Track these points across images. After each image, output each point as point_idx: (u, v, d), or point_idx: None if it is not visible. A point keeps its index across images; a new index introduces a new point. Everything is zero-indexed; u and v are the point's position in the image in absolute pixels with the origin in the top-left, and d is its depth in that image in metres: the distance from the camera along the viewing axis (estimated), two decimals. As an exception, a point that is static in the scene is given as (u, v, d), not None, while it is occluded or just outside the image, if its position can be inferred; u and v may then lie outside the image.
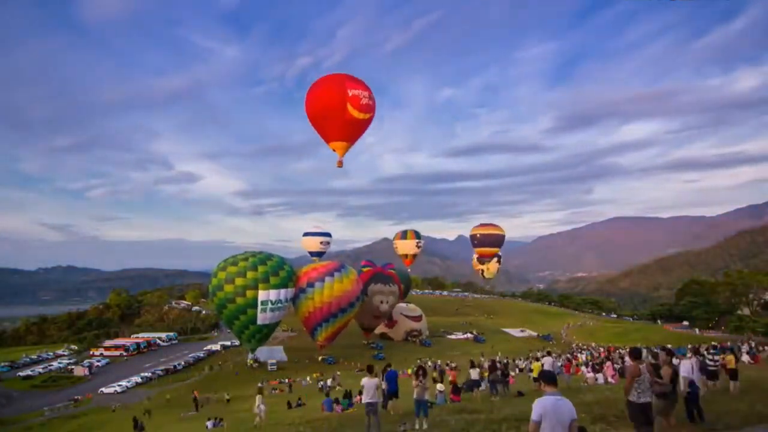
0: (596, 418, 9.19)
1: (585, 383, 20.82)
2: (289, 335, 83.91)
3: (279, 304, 40.40)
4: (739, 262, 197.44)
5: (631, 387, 6.66)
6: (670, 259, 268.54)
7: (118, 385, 47.66)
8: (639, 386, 6.61)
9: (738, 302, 79.71)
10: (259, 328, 39.91)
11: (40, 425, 35.41)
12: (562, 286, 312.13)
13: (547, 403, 4.45)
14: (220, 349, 69.56)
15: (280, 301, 40.51)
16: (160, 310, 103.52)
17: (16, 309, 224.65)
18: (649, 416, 6.69)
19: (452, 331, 77.75)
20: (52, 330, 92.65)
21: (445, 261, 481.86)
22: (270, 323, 40.68)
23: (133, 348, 68.57)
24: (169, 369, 55.99)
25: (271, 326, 41.64)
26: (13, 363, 62.03)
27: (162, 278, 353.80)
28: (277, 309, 40.36)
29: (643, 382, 6.64)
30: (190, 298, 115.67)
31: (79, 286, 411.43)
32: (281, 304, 40.94)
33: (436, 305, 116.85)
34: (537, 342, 69.96)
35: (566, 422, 4.40)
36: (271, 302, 39.21)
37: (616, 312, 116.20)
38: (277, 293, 39.72)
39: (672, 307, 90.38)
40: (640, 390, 6.61)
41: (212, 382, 48.92)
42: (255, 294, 38.37)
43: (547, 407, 4.42)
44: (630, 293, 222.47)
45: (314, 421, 14.65)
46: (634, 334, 72.01)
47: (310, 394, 32.91)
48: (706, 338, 55.71)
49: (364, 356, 57.15)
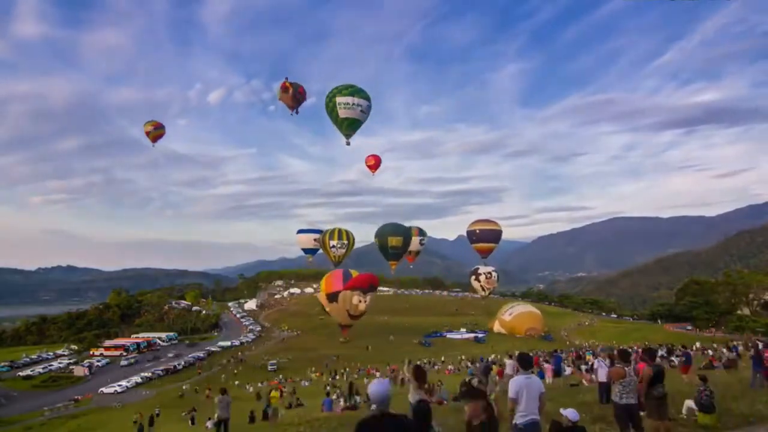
0: (596, 418, 9.19)
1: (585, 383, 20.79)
2: (290, 335, 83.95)
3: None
4: (739, 262, 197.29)
5: (614, 388, 6.81)
6: (670, 259, 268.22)
7: (118, 385, 47.68)
8: (623, 387, 6.72)
9: (738, 302, 79.62)
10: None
11: (40, 425, 35.36)
12: (562, 286, 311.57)
13: (521, 382, 5.60)
14: (218, 350, 69.51)
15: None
16: (160, 310, 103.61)
17: (16, 309, 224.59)
18: (633, 417, 6.71)
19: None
20: (52, 330, 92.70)
21: (445, 261, 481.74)
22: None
23: (133, 348, 68.63)
24: (169, 369, 56.06)
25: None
26: (13, 363, 62.13)
27: (162, 278, 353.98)
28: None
29: (628, 384, 6.73)
30: (190, 298, 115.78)
31: (79, 286, 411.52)
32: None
33: (436, 305, 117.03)
34: (537, 342, 69.94)
35: (536, 395, 5.55)
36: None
37: (616, 312, 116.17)
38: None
39: (672, 307, 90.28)
40: (624, 391, 6.70)
41: (212, 382, 48.94)
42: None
43: (522, 385, 5.57)
44: (630, 293, 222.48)
45: (314, 421, 14.66)
46: (634, 334, 71.99)
47: (310, 394, 32.90)
48: (707, 338, 55.78)
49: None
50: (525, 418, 5.50)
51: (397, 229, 61.31)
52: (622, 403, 6.70)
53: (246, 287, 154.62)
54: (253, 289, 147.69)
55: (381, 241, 59.24)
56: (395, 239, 60.33)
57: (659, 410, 7.09)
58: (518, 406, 5.56)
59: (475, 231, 58.47)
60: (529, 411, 5.53)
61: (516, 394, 5.56)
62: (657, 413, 7.06)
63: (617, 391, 6.78)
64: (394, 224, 62.63)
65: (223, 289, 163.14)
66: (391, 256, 64.27)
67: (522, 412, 5.53)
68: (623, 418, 6.72)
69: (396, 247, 61.53)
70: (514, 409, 5.60)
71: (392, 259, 66.23)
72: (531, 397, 5.55)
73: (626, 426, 6.68)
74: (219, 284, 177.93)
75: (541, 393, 5.62)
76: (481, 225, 58.56)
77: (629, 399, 6.71)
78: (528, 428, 5.48)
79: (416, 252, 67.33)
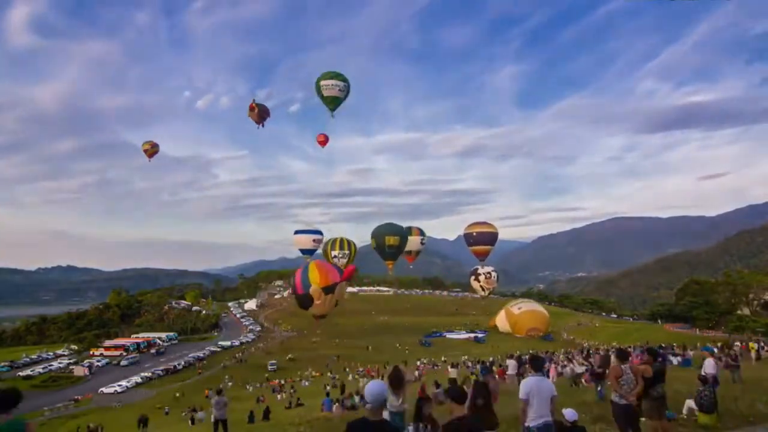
0: (596, 418, 9.18)
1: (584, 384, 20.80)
2: (290, 335, 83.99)
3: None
4: (739, 262, 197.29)
5: (616, 387, 6.67)
6: (670, 259, 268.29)
7: (118, 385, 47.67)
8: (621, 387, 6.60)
9: (738, 302, 79.61)
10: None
11: (40, 425, 35.36)
12: (562, 286, 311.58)
13: (532, 383, 5.55)
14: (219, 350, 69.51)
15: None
16: (160, 310, 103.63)
17: (16, 309, 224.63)
18: (631, 417, 6.62)
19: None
20: (52, 330, 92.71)
21: (445, 261, 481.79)
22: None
23: (133, 348, 68.63)
24: (169, 369, 56.05)
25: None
26: (13, 363, 62.10)
27: (162, 278, 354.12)
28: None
29: (626, 383, 6.61)
30: (190, 298, 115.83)
31: (79, 286, 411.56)
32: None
33: (436, 305, 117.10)
34: (538, 342, 69.93)
35: (547, 397, 5.50)
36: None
37: (616, 312, 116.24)
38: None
39: (672, 307, 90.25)
40: (624, 391, 6.58)
41: (211, 382, 48.96)
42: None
43: (533, 386, 5.51)
44: (630, 293, 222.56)
45: (314, 421, 14.66)
46: (634, 334, 71.99)
47: (310, 394, 32.94)
48: (707, 338, 55.76)
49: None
50: (538, 420, 5.44)
51: (393, 228, 61.96)
52: (621, 404, 6.59)
53: (246, 287, 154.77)
54: (253, 289, 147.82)
55: (377, 240, 59.85)
56: (392, 238, 60.88)
57: (659, 410, 6.96)
58: (529, 408, 5.49)
59: (472, 234, 60.08)
60: (542, 413, 5.47)
61: (527, 395, 5.50)
62: (656, 413, 6.93)
63: (616, 392, 6.68)
64: (390, 224, 63.17)
65: (223, 289, 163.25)
66: (387, 256, 64.68)
67: (534, 414, 5.46)
68: (622, 419, 6.61)
69: (393, 246, 62.01)
70: (525, 410, 5.52)
71: (389, 258, 66.63)
72: (542, 398, 5.50)
73: (626, 427, 6.57)
74: (219, 284, 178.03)
75: (552, 395, 5.58)
76: (478, 228, 60.24)
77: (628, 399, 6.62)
78: (542, 430, 5.42)
79: (416, 252, 67.64)
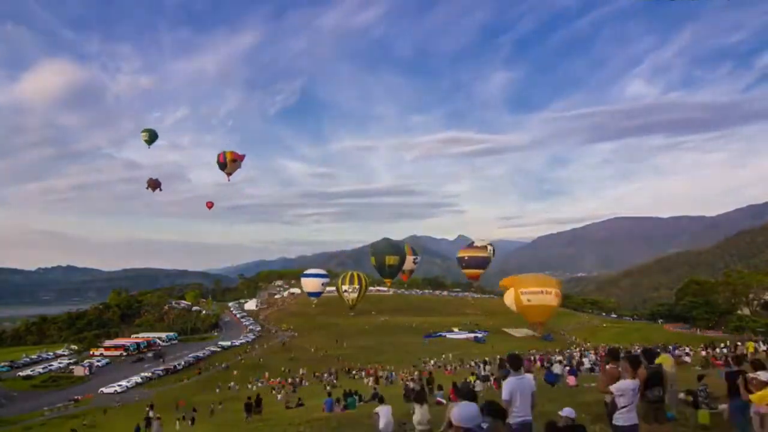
0: (596, 418, 9.18)
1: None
2: (290, 335, 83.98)
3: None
4: (739, 262, 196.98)
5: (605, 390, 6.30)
6: (670, 259, 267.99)
7: (118, 385, 47.69)
8: (626, 401, 5.88)
9: (738, 302, 79.69)
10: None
11: (40, 425, 35.39)
12: (562, 286, 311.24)
13: (514, 383, 5.69)
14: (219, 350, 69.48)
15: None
16: (160, 310, 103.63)
17: (16, 309, 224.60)
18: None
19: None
20: (52, 330, 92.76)
21: (445, 261, 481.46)
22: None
23: (133, 348, 68.61)
24: (169, 369, 56.04)
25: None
26: (13, 363, 62.14)
27: (162, 278, 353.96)
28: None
29: (624, 394, 5.94)
30: (190, 298, 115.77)
31: (79, 286, 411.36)
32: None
33: (436, 305, 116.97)
34: (537, 342, 69.88)
35: (528, 394, 5.69)
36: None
37: (616, 312, 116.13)
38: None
39: (672, 307, 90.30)
40: (628, 408, 5.89)
41: (212, 382, 48.97)
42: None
43: (514, 385, 5.66)
44: (630, 293, 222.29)
45: (314, 421, 14.66)
46: (635, 334, 72.03)
47: (310, 394, 32.90)
48: (706, 338, 55.74)
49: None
50: (518, 418, 5.59)
51: (392, 247, 63.87)
52: (627, 426, 5.69)
53: (246, 287, 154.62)
54: (253, 289, 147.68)
55: (378, 259, 61.70)
56: (392, 258, 63.29)
57: (655, 414, 6.29)
58: (512, 407, 5.62)
59: (464, 258, 64.47)
60: (523, 412, 5.63)
61: (509, 395, 5.64)
62: (652, 417, 6.25)
63: (620, 408, 5.75)
64: (388, 241, 65.05)
65: (223, 289, 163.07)
66: (387, 275, 66.87)
67: (516, 412, 5.61)
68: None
69: (393, 265, 64.35)
70: (508, 410, 5.62)
71: (388, 277, 68.77)
72: (524, 396, 5.65)
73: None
74: (219, 284, 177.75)
75: (532, 392, 5.76)
76: (470, 252, 63.94)
77: (632, 418, 5.73)
78: (521, 429, 5.57)
79: (410, 271, 69.16)
